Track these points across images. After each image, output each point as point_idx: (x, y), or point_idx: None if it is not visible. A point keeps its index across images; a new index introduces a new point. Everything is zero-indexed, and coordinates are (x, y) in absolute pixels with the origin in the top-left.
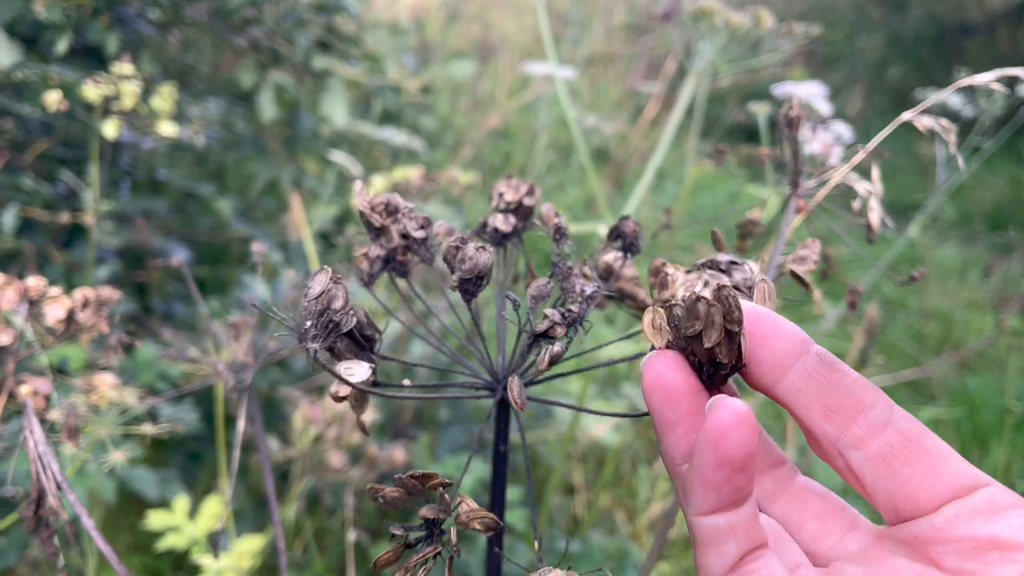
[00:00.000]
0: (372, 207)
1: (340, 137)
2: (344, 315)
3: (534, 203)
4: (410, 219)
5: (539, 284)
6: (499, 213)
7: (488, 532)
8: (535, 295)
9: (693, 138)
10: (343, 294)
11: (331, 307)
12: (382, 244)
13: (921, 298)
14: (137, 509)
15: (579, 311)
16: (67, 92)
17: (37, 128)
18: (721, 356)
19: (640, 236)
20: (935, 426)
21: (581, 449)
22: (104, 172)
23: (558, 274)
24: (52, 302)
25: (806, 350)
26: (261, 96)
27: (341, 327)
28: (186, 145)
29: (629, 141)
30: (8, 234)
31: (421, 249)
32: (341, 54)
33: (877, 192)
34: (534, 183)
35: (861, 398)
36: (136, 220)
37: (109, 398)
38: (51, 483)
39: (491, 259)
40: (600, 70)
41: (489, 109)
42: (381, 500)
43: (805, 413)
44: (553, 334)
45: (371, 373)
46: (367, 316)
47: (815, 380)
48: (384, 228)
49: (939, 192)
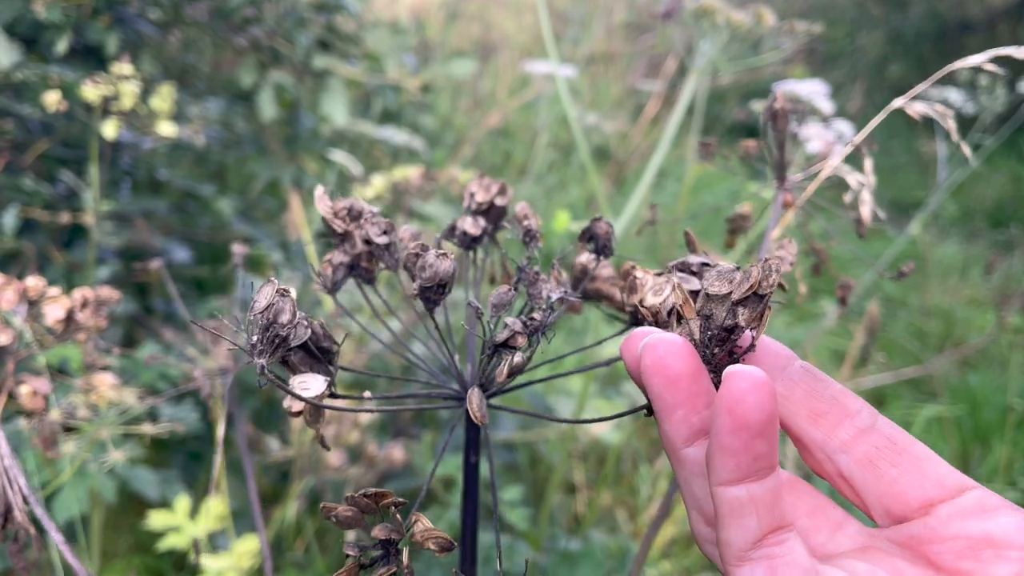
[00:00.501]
0: (335, 212)
1: (340, 136)
2: (292, 329)
3: (506, 203)
4: (372, 224)
5: (500, 292)
6: (468, 216)
7: (442, 552)
8: (496, 303)
9: (694, 137)
10: (290, 307)
11: (277, 321)
12: (346, 250)
13: (922, 295)
14: (138, 509)
15: (542, 319)
16: (66, 92)
17: (37, 128)
18: (742, 318)
19: (612, 237)
20: (937, 424)
21: (582, 448)
22: (104, 172)
23: (524, 279)
24: (51, 302)
25: (790, 363)
26: (261, 96)
27: (289, 341)
28: (186, 145)
29: (630, 140)
30: (8, 235)
31: (385, 255)
32: (341, 53)
33: (870, 184)
34: (505, 183)
35: (846, 404)
36: (136, 220)
37: (108, 398)
38: (18, 497)
39: (452, 267)
40: (601, 69)
41: (489, 108)
42: (334, 519)
43: (792, 419)
44: (514, 344)
45: (326, 387)
46: (323, 327)
47: (800, 387)
48: (347, 233)
49: (940, 189)
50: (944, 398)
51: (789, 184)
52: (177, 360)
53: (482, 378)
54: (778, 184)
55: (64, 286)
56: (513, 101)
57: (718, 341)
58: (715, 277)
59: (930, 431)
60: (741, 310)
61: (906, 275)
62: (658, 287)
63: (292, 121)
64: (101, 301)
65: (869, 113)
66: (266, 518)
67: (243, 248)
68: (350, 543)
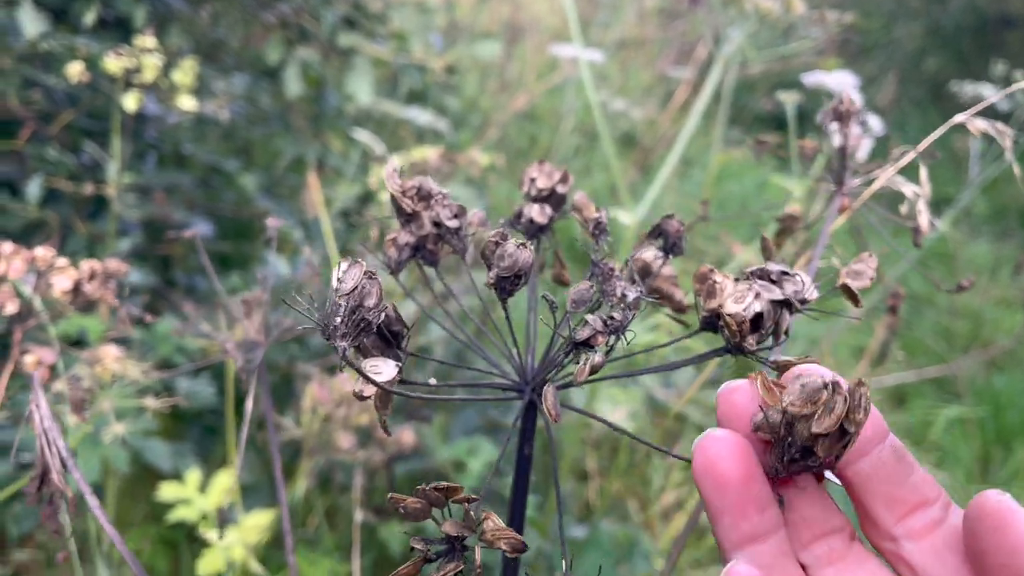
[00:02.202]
0: (403, 191)
1: (365, 115)
2: (377, 313)
3: (567, 191)
4: (444, 207)
5: (581, 288)
6: (533, 203)
7: (514, 553)
8: (576, 299)
9: (720, 126)
10: (377, 291)
11: (363, 304)
12: (412, 231)
13: (950, 296)
14: (153, 481)
15: (622, 319)
16: (91, 64)
17: (63, 99)
18: (820, 449)
19: (684, 236)
20: (959, 424)
21: (596, 436)
22: (129, 145)
23: (598, 275)
24: (59, 273)
25: (884, 439)
26: (287, 72)
27: (373, 326)
28: (211, 120)
29: (657, 127)
30: (33, 204)
31: (454, 239)
32: (367, 32)
33: (926, 194)
34: (567, 170)
35: (925, 493)
36: (156, 193)
37: (112, 371)
38: (56, 459)
39: (531, 257)
40: (631, 54)
41: (517, 91)
42: (402, 511)
43: (868, 498)
44: (594, 343)
45: (398, 372)
46: (395, 311)
47: (885, 469)
48: (415, 214)
49: (972, 186)
50: (968, 399)
51: (847, 189)
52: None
53: (550, 373)
54: (837, 188)
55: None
56: (541, 84)
57: (790, 459)
58: (797, 393)
59: (952, 432)
60: (821, 440)
61: (966, 289)
62: (740, 295)
63: (318, 99)
64: (109, 274)
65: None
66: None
67: (276, 222)
68: (417, 537)
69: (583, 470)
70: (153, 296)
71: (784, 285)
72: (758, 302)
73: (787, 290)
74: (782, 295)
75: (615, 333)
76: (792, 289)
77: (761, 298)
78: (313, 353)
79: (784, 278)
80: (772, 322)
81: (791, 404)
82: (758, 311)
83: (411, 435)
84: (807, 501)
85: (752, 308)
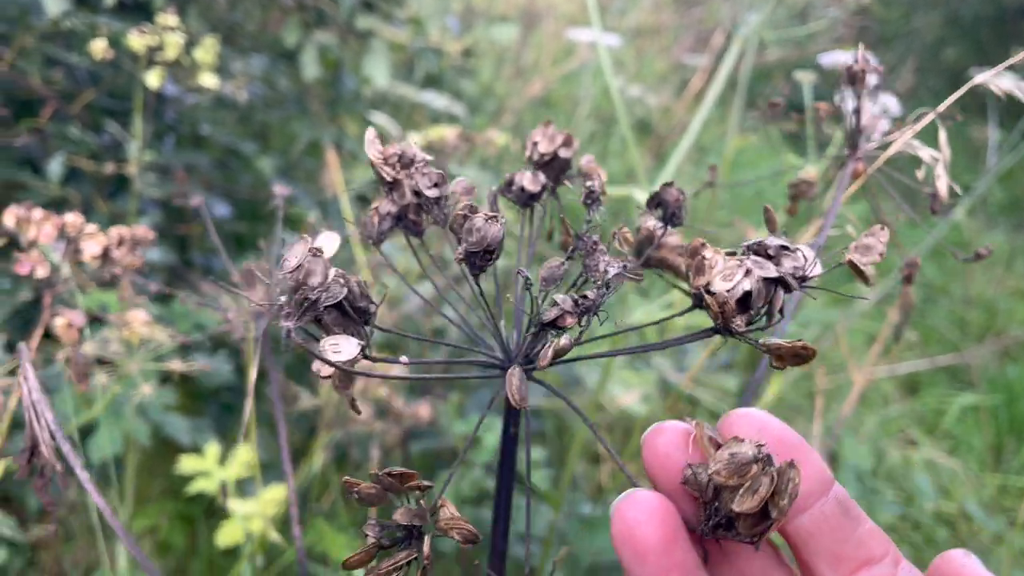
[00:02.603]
0: (385, 158)
1: (382, 99)
2: (323, 292)
3: (570, 155)
4: (423, 175)
5: (552, 265)
6: (527, 171)
7: (466, 543)
8: (546, 276)
9: (736, 112)
10: (322, 268)
11: (307, 283)
12: (394, 199)
13: (965, 284)
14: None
15: (595, 298)
16: (113, 42)
17: (85, 78)
18: (741, 526)
19: (683, 205)
20: (972, 413)
21: (609, 419)
22: (149, 125)
23: (581, 248)
24: (89, 239)
25: (828, 491)
26: (305, 55)
27: (319, 305)
28: (230, 101)
29: (673, 114)
30: (55, 182)
31: (434, 209)
32: (384, 15)
33: (945, 157)
34: (571, 133)
35: (871, 550)
36: (178, 172)
37: (141, 334)
38: (44, 432)
39: (502, 231)
40: (646, 41)
41: (532, 77)
42: (356, 495)
43: (811, 556)
44: (562, 324)
45: (359, 350)
46: (361, 286)
47: (829, 524)
48: (396, 182)
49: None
50: (981, 388)
51: (862, 152)
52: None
53: (525, 354)
54: (849, 152)
55: None
56: (556, 70)
57: (716, 525)
58: (725, 463)
59: (965, 420)
60: (743, 518)
61: (984, 257)
62: (729, 271)
63: (335, 82)
64: (137, 240)
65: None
66: (293, 470)
67: (284, 190)
68: (371, 523)
69: (595, 452)
70: (170, 275)
71: (782, 261)
72: (748, 280)
73: (785, 266)
74: (777, 272)
75: (586, 314)
76: (791, 265)
77: (752, 275)
78: None
79: (783, 253)
80: (764, 301)
81: (717, 473)
82: (747, 290)
83: (428, 409)
84: (744, 556)
85: (741, 287)
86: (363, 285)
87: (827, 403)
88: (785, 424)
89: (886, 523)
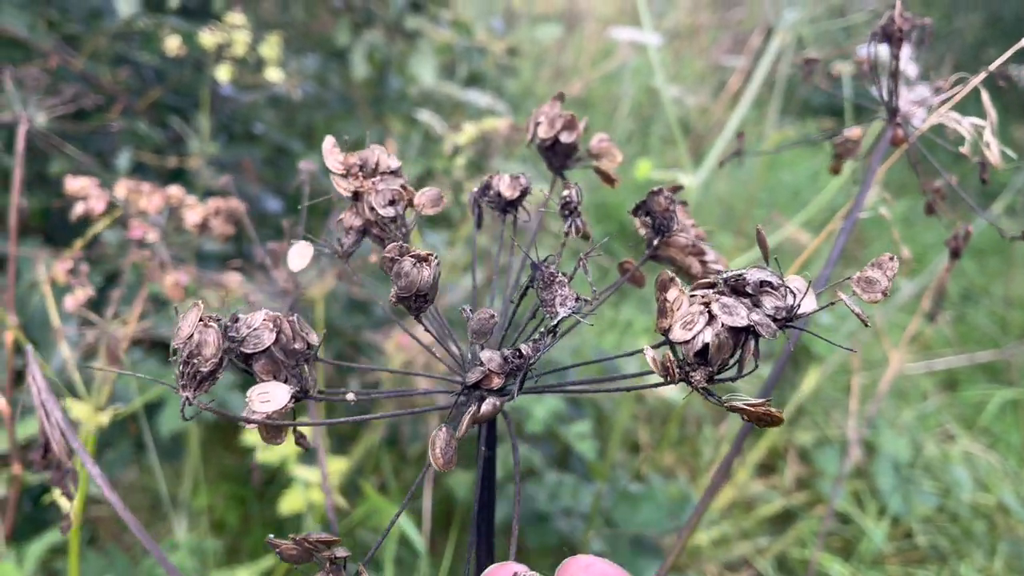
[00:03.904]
0: (346, 168)
1: (426, 98)
2: (216, 364)
3: (573, 139)
4: (377, 193)
5: (481, 317)
6: (506, 175)
7: None
8: (477, 330)
9: (774, 113)
10: (214, 340)
11: (201, 353)
12: (357, 212)
13: (1006, 284)
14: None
15: (530, 352)
16: (184, 40)
17: (151, 76)
18: None
19: (673, 214)
20: (1011, 408)
21: (648, 410)
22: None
23: (539, 279)
24: (190, 209)
25: None
26: (354, 54)
27: (217, 375)
28: (284, 100)
29: (710, 114)
30: (123, 175)
31: (390, 229)
32: (431, 16)
33: (992, 121)
34: (574, 115)
35: None
36: (245, 161)
37: (237, 295)
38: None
39: (432, 277)
40: (684, 43)
41: (571, 78)
42: (279, 554)
43: None
44: (488, 385)
45: (289, 399)
46: (297, 324)
47: None
48: (358, 195)
49: None
50: (1021, 385)
51: (902, 116)
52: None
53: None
54: (889, 117)
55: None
56: (595, 71)
57: None
58: None
59: (1003, 417)
60: None
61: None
62: (690, 319)
63: (380, 82)
64: (231, 211)
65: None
66: (344, 452)
67: (310, 165)
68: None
69: (634, 442)
70: (222, 263)
71: (762, 300)
72: (709, 329)
73: (765, 307)
74: (746, 320)
75: (515, 374)
76: (772, 305)
77: (716, 323)
78: (377, 321)
79: (764, 291)
80: (729, 353)
81: None
82: (706, 343)
83: None
84: None
85: (700, 338)
86: (299, 324)
87: (863, 400)
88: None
89: (923, 515)
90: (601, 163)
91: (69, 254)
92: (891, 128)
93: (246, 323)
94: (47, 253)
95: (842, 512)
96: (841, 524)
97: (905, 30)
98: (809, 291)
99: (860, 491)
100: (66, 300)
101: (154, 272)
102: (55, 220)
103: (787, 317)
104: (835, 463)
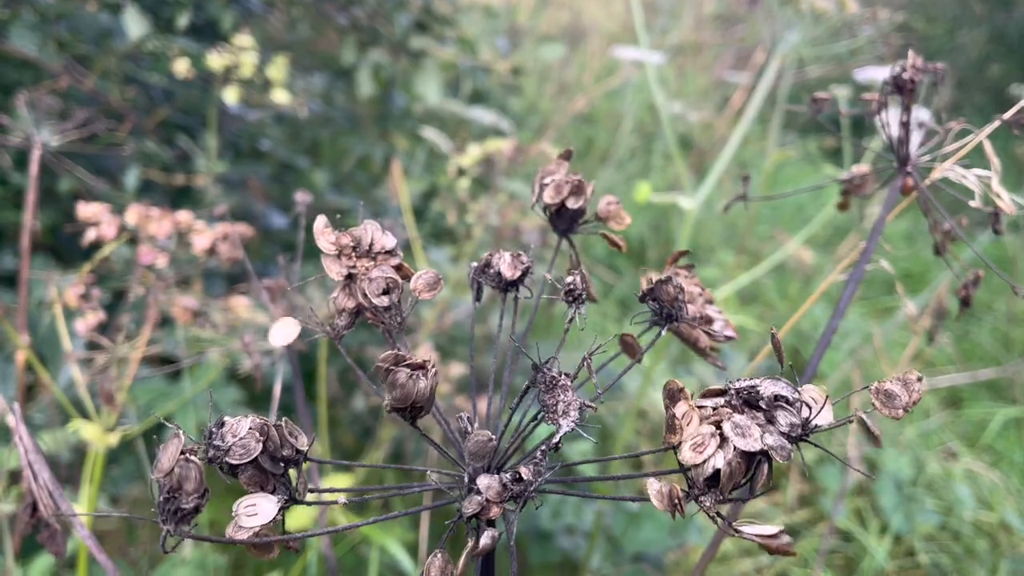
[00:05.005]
0: (339, 249)
1: (430, 115)
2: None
3: (580, 205)
4: (370, 281)
5: (479, 439)
6: (506, 253)
7: None
8: (474, 452)
9: (775, 129)
10: (195, 475)
11: (182, 488)
12: (351, 293)
13: (1009, 302)
14: None
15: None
16: (192, 63)
17: (159, 96)
18: None
19: (682, 303)
20: (1015, 426)
21: (650, 426)
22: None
23: (540, 383)
24: (198, 234)
25: None
26: (360, 73)
27: (200, 510)
28: (290, 118)
29: (714, 130)
30: (131, 192)
31: (385, 317)
32: (436, 35)
33: (996, 170)
34: (582, 179)
35: None
36: (250, 179)
37: (244, 318)
38: (43, 491)
39: (428, 388)
40: (688, 59)
41: (575, 94)
42: None
43: None
44: (486, 515)
45: (278, 511)
46: (285, 430)
47: None
48: (352, 276)
49: None
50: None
51: (912, 165)
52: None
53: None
54: (898, 166)
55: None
56: (598, 88)
57: None
58: None
59: (1006, 434)
60: None
61: None
62: (700, 441)
63: (385, 100)
64: (239, 235)
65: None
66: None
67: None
68: None
69: (638, 462)
70: (229, 282)
71: (777, 417)
72: (720, 454)
73: (780, 425)
74: (759, 444)
75: (517, 499)
76: (787, 422)
77: (727, 447)
78: (381, 338)
79: (778, 406)
80: (740, 478)
81: None
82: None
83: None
84: None
85: (712, 463)
86: (288, 429)
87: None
88: None
89: (925, 532)
90: (609, 226)
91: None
92: (901, 177)
93: (231, 430)
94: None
95: (844, 529)
96: (843, 542)
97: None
98: (827, 404)
99: (862, 508)
100: (77, 324)
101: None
102: (64, 236)
103: (802, 433)
104: (837, 480)
